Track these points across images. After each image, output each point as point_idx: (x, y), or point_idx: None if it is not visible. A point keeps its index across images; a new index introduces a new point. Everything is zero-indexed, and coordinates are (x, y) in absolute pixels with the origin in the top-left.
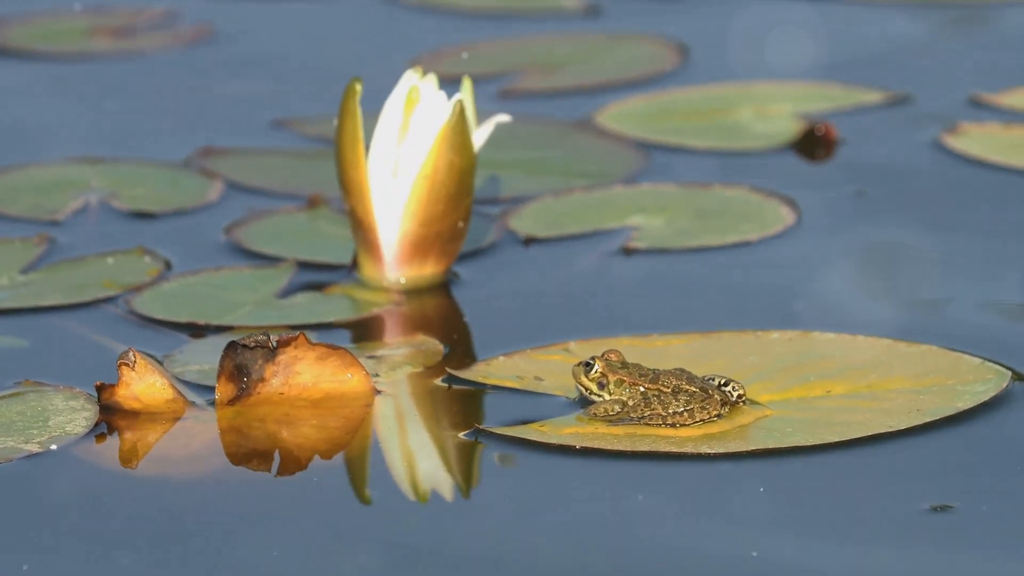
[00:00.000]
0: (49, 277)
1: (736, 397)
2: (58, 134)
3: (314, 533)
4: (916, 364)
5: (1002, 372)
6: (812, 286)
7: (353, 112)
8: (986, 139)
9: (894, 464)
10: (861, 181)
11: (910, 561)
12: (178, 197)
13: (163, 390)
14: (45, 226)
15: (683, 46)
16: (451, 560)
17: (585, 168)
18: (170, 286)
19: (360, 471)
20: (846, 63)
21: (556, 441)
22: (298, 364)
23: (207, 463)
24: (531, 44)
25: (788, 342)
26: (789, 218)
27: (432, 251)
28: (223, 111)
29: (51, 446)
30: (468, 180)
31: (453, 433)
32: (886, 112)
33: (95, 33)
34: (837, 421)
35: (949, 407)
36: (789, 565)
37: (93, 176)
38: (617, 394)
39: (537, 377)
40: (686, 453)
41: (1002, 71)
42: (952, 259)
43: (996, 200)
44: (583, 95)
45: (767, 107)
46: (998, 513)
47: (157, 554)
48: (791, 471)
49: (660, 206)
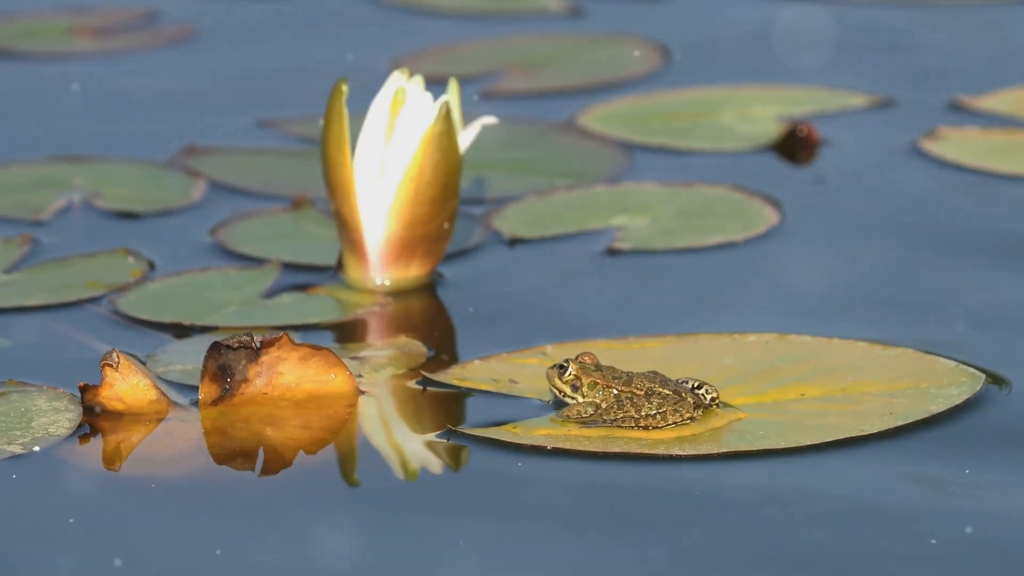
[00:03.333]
0: (33, 277)
1: (709, 400)
2: (40, 133)
3: (298, 533)
4: (891, 367)
5: (976, 375)
6: (791, 288)
7: (339, 113)
8: (964, 143)
9: (865, 467)
10: (840, 184)
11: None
12: (161, 197)
13: (147, 391)
14: (28, 226)
15: (665, 47)
16: (434, 559)
17: (568, 168)
18: (155, 286)
19: (344, 471)
20: (830, 64)
21: (528, 442)
22: (281, 364)
23: (191, 463)
24: (513, 45)
25: (765, 344)
26: (773, 218)
27: (417, 252)
28: (205, 110)
29: (34, 447)
30: (454, 182)
31: (433, 433)
32: (869, 115)
33: (75, 32)
34: (810, 424)
35: (922, 410)
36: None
37: (76, 175)
38: (590, 397)
39: (512, 380)
40: (658, 455)
41: (986, 74)
42: (928, 263)
43: (972, 205)
44: (565, 96)
45: (749, 109)
46: (969, 515)
47: (142, 555)
48: (761, 474)
49: (643, 206)
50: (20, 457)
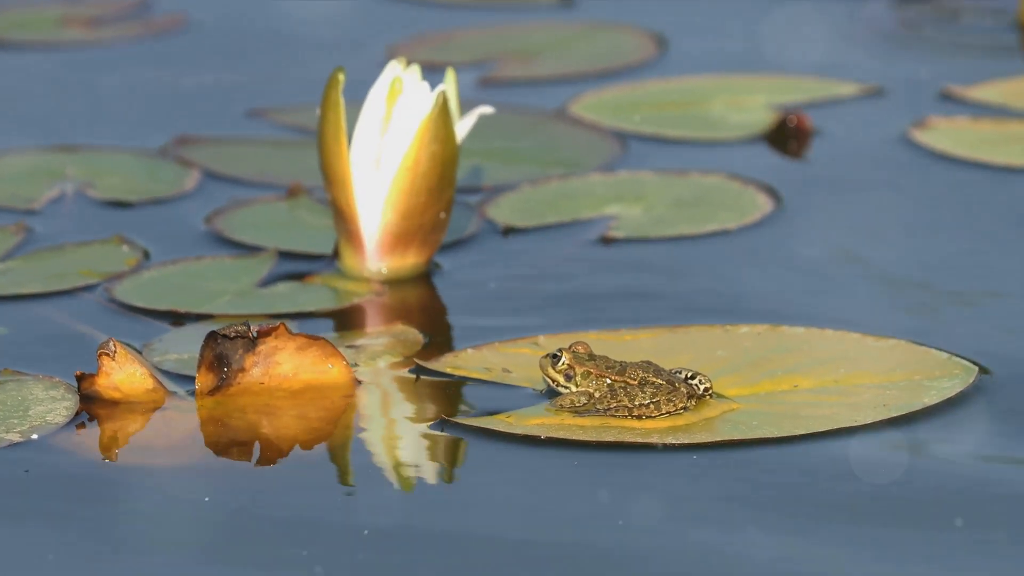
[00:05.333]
0: (28, 265)
1: (703, 390)
2: (32, 123)
3: (295, 522)
4: (884, 359)
5: (969, 367)
6: (782, 278)
7: (336, 103)
8: (954, 133)
9: (859, 457)
10: (831, 173)
11: (872, 552)
12: (154, 186)
13: (143, 380)
14: (22, 215)
15: (660, 36)
16: (431, 547)
17: (561, 157)
18: (150, 274)
19: (341, 460)
20: (822, 55)
21: (522, 432)
22: (278, 354)
23: (188, 453)
24: (508, 33)
25: (757, 336)
26: (767, 206)
27: (414, 242)
28: (198, 100)
29: (32, 435)
30: (450, 171)
31: (428, 423)
32: (860, 104)
33: (67, 22)
34: (804, 415)
35: (916, 402)
36: (753, 556)
37: (69, 164)
38: (584, 386)
39: (505, 369)
40: (651, 444)
41: (976, 65)
42: (922, 254)
43: (962, 195)
44: (559, 84)
45: (741, 98)
46: (963, 508)
47: (139, 543)
48: (756, 463)
49: (637, 195)
50: (18, 445)
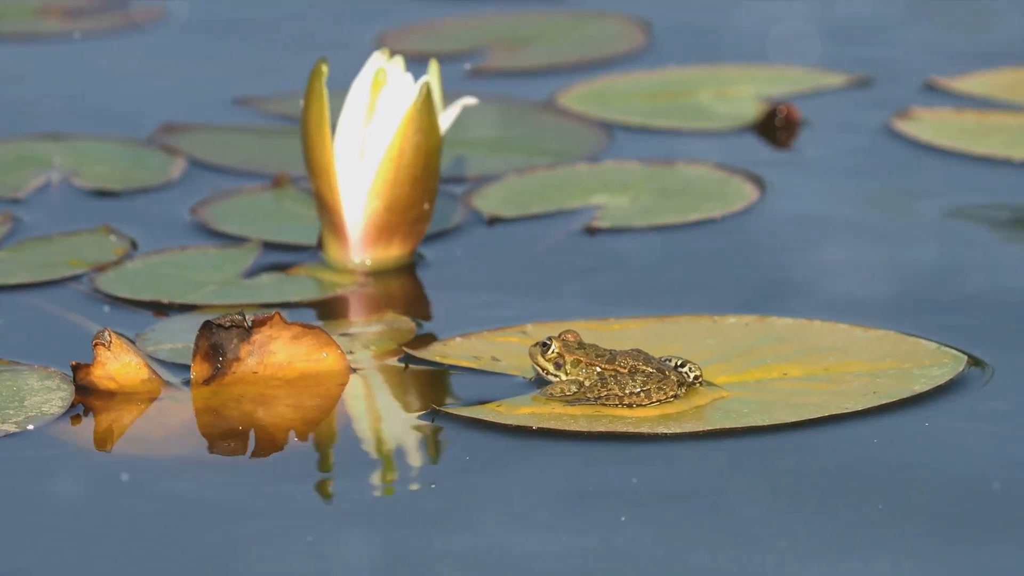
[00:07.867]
0: (15, 255)
1: (692, 378)
2: (15, 113)
3: (290, 511)
4: (873, 348)
5: (958, 356)
6: (769, 265)
7: (319, 93)
8: (937, 124)
9: (849, 444)
10: (817, 163)
11: (862, 542)
12: (140, 175)
13: (138, 370)
14: (8, 204)
15: (648, 25)
16: (425, 536)
17: (547, 147)
18: (135, 265)
19: (336, 449)
20: (810, 45)
21: (513, 422)
22: (273, 343)
23: (184, 443)
24: (496, 22)
25: (745, 327)
26: (752, 195)
27: (398, 233)
28: (181, 89)
29: (28, 426)
30: (434, 162)
31: (420, 411)
32: (846, 95)
33: (46, 13)
34: (794, 403)
35: (905, 390)
36: (746, 543)
37: (54, 153)
38: (574, 374)
39: (494, 358)
40: (642, 433)
41: (963, 55)
42: (908, 245)
43: (946, 185)
44: (546, 75)
45: (729, 89)
46: (951, 494)
47: (136, 533)
48: (746, 451)
49: (623, 184)
50: (14, 435)
